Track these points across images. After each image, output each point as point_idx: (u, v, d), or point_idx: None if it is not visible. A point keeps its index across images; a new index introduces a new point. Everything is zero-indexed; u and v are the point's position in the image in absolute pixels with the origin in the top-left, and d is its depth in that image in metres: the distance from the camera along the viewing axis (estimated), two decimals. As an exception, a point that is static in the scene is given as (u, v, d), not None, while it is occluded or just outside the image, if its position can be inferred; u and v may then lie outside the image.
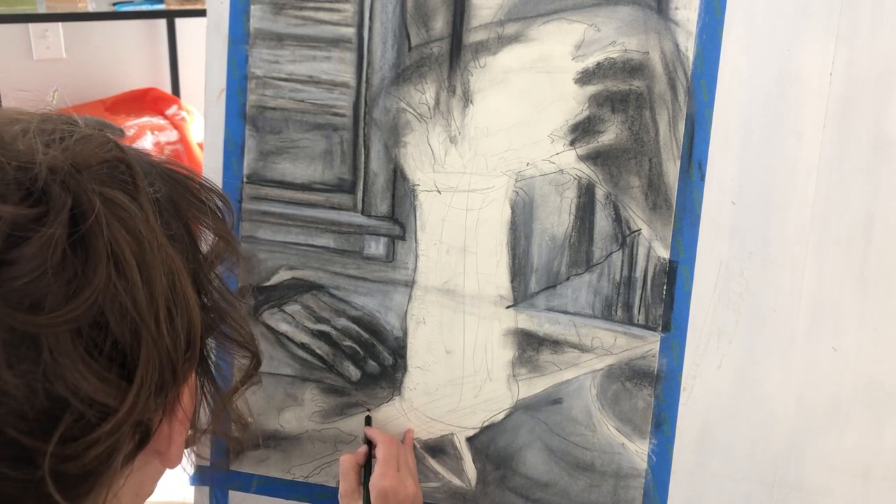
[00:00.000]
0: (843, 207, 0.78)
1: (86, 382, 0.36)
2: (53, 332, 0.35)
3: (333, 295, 0.87)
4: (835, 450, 0.80)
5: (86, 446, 0.37)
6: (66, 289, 0.36)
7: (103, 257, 0.37)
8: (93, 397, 0.36)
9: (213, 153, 0.88)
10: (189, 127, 2.59)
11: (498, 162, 0.82)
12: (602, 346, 0.83)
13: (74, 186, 0.38)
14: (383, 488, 0.77)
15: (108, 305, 0.37)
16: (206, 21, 0.87)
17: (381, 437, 0.83)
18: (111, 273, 0.37)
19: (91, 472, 0.39)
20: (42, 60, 2.61)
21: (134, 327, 0.38)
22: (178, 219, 0.45)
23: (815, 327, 0.79)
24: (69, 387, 0.36)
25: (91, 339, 0.37)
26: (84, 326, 0.36)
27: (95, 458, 0.38)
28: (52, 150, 0.38)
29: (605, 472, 0.84)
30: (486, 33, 0.81)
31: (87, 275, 0.36)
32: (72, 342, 0.36)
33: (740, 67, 0.78)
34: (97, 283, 0.36)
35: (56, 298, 0.36)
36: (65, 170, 0.38)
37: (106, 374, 0.37)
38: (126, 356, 0.38)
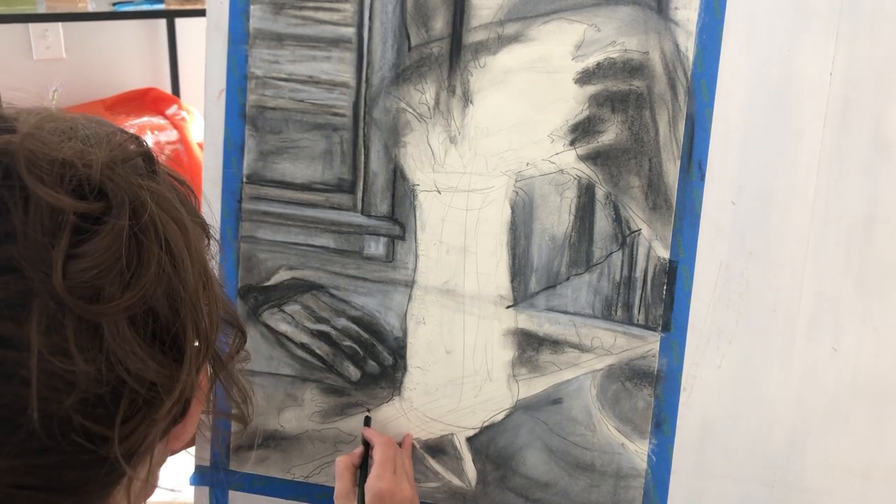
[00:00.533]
0: (843, 207, 0.78)
1: (143, 365, 0.38)
2: (114, 320, 0.37)
3: (333, 295, 0.87)
4: (835, 450, 0.80)
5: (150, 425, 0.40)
6: (122, 278, 0.38)
7: (156, 246, 0.39)
8: (149, 379, 0.39)
9: (213, 153, 0.88)
10: (189, 127, 2.59)
11: (498, 162, 0.82)
12: (602, 346, 0.83)
13: (126, 182, 0.40)
14: (380, 490, 0.77)
15: (158, 291, 0.39)
16: (206, 21, 0.87)
17: (378, 438, 0.83)
18: (163, 261, 0.39)
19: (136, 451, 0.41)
20: (42, 60, 2.61)
21: (182, 309, 0.40)
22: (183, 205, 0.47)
23: (815, 327, 0.79)
24: (129, 370, 0.38)
25: (144, 324, 0.39)
26: (139, 314, 0.39)
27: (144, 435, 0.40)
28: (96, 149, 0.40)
29: (605, 472, 0.84)
30: (485, 33, 0.81)
31: (142, 264, 0.39)
32: (129, 328, 0.38)
33: (740, 67, 0.78)
34: (152, 270, 0.39)
35: (114, 287, 0.38)
36: (114, 167, 0.40)
37: (161, 357, 0.40)
38: (174, 338, 0.40)
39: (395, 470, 0.80)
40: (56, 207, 0.37)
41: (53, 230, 0.37)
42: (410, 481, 0.81)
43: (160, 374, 0.39)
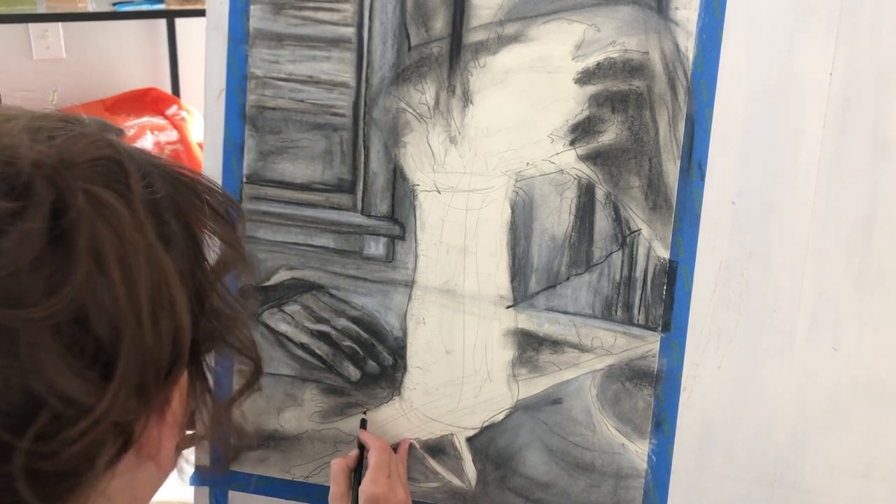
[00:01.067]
0: (843, 207, 0.78)
1: (63, 379, 0.36)
2: (32, 328, 0.35)
3: (333, 295, 0.87)
4: (835, 450, 0.80)
5: (62, 444, 0.36)
6: (46, 284, 0.36)
7: (83, 254, 0.36)
8: (70, 395, 0.36)
9: (213, 153, 0.88)
10: (189, 127, 2.59)
11: (498, 162, 0.82)
12: (602, 346, 0.83)
13: (59, 181, 0.37)
14: (374, 494, 0.77)
15: (89, 303, 0.36)
16: (206, 21, 0.87)
17: (374, 442, 0.83)
18: (91, 270, 0.36)
19: (71, 473, 0.38)
20: (42, 60, 2.61)
21: (114, 326, 0.37)
22: (179, 221, 0.44)
23: (815, 327, 0.79)
24: (46, 383, 0.35)
25: (71, 337, 0.36)
26: (63, 323, 0.36)
27: (73, 457, 0.37)
28: (39, 146, 0.38)
29: (605, 472, 0.84)
30: (485, 33, 0.81)
31: (67, 271, 0.36)
32: (51, 338, 0.35)
33: (740, 67, 0.78)
34: (77, 279, 0.36)
35: (36, 294, 0.35)
36: (50, 165, 0.37)
37: (85, 371, 0.37)
38: (107, 355, 0.37)
39: (389, 474, 0.80)
40: None
41: None
42: (405, 486, 0.81)
43: (82, 391, 0.36)
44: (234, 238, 0.49)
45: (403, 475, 0.84)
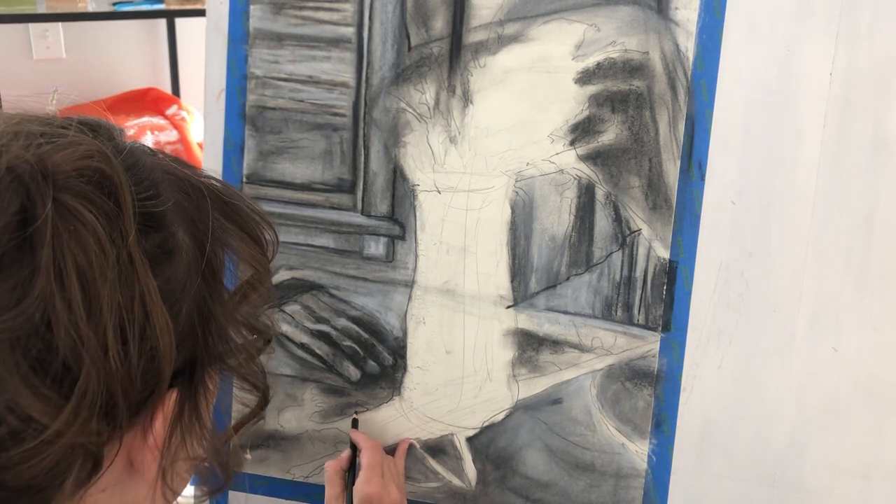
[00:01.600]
0: (843, 207, 0.78)
1: (19, 395, 0.34)
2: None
3: (333, 295, 0.87)
4: (835, 450, 0.80)
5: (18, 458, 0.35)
6: (9, 296, 0.34)
7: (44, 267, 0.35)
8: (25, 412, 0.34)
9: (213, 153, 0.88)
10: (189, 127, 2.59)
11: (498, 162, 0.82)
12: (602, 346, 0.83)
13: (31, 189, 0.35)
14: (368, 494, 0.77)
15: (52, 319, 0.35)
16: (205, 21, 0.86)
17: (366, 443, 0.83)
18: (51, 284, 0.35)
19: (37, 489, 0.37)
20: (42, 60, 2.61)
21: (74, 345, 0.35)
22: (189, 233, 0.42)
23: (815, 327, 0.79)
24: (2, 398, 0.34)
25: (32, 352, 0.35)
26: (24, 337, 0.34)
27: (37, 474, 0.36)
28: (17, 150, 0.37)
29: (605, 472, 0.84)
30: (485, 33, 0.81)
31: (29, 283, 0.34)
32: (9, 352, 0.34)
33: (740, 67, 0.78)
34: (36, 293, 0.34)
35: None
36: (26, 171, 0.36)
37: (44, 389, 0.35)
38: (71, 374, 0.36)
39: (382, 474, 0.80)
40: None
41: None
42: (399, 485, 0.81)
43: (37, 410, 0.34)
44: (258, 259, 0.47)
45: (398, 474, 0.84)
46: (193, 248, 0.42)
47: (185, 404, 0.43)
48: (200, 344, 0.43)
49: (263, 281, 0.47)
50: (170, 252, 0.40)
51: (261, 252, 0.47)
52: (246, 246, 0.46)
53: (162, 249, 0.40)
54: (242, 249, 0.46)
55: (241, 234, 0.46)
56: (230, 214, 0.45)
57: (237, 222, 0.46)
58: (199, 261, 0.42)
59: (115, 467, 0.41)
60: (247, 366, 0.48)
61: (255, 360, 0.48)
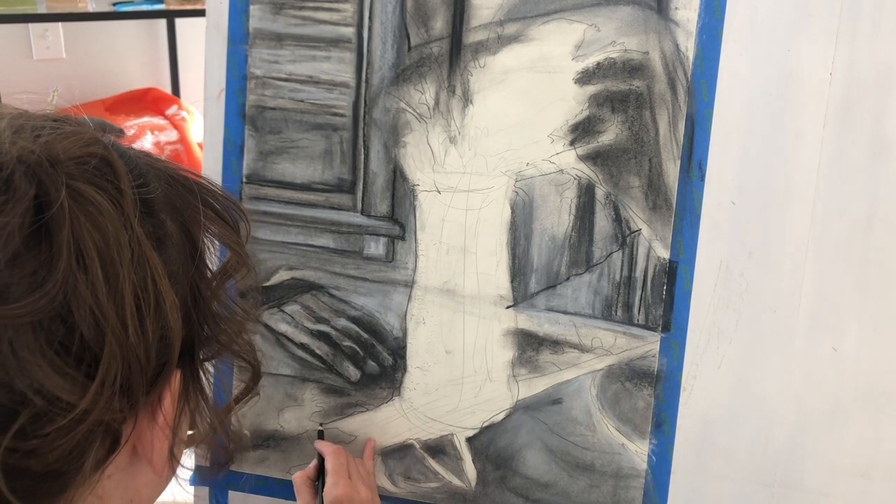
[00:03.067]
0: (843, 207, 0.78)
1: (45, 377, 0.35)
2: (13, 324, 0.35)
3: (333, 295, 0.87)
4: (835, 450, 0.80)
5: (45, 442, 0.36)
6: (29, 281, 0.35)
7: (65, 250, 0.36)
8: (52, 392, 0.36)
9: (213, 153, 0.88)
10: (189, 127, 2.59)
11: (498, 162, 0.82)
12: (602, 346, 0.83)
13: (42, 177, 0.37)
14: (337, 497, 0.79)
15: (72, 300, 0.36)
16: (205, 21, 0.86)
17: (328, 448, 0.84)
18: (72, 266, 0.36)
19: (59, 473, 0.38)
20: (42, 60, 2.61)
21: (97, 324, 0.37)
22: (176, 222, 0.44)
23: (815, 327, 0.79)
24: (28, 380, 0.35)
25: (55, 334, 0.36)
26: (46, 320, 0.35)
27: (60, 456, 0.37)
28: (23, 142, 0.38)
29: (605, 472, 0.84)
30: (485, 33, 0.81)
31: (49, 267, 0.36)
32: (33, 335, 0.35)
33: (740, 67, 0.78)
34: (57, 276, 0.36)
35: (19, 290, 0.35)
36: (34, 161, 0.37)
37: (68, 369, 0.36)
38: (92, 354, 0.37)
39: (349, 476, 0.81)
40: None
41: None
42: (368, 484, 0.83)
43: (65, 389, 0.36)
44: (236, 242, 0.49)
45: (365, 474, 0.85)
46: (180, 234, 0.44)
47: (189, 383, 0.46)
48: (195, 326, 0.45)
49: (242, 262, 0.50)
50: (163, 238, 0.42)
51: (236, 234, 0.50)
52: (224, 230, 0.49)
53: (157, 235, 0.42)
54: (221, 234, 0.49)
55: (219, 220, 0.48)
56: (207, 202, 0.48)
57: (214, 209, 0.48)
58: (187, 246, 0.44)
59: (123, 452, 0.42)
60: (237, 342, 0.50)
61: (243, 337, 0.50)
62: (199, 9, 2.52)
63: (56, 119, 0.42)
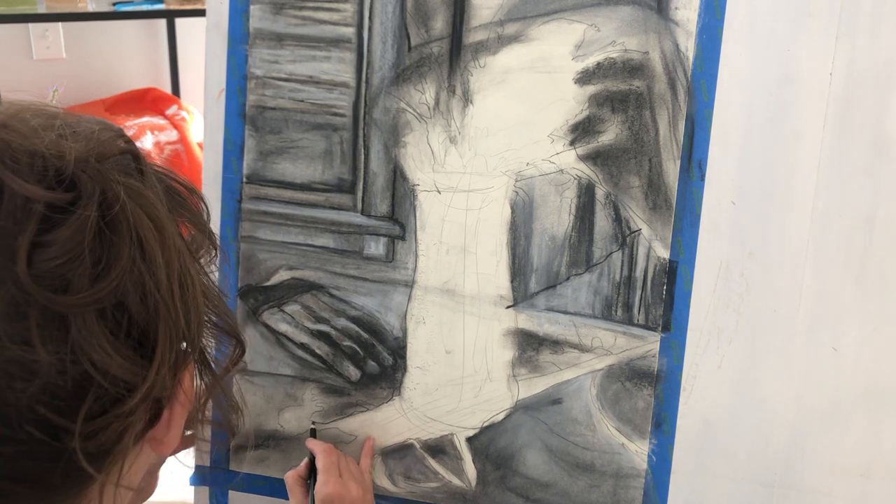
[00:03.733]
0: (843, 207, 0.78)
1: (110, 360, 0.38)
2: (80, 313, 0.37)
3: (333, 295, 0.87)
4: (835, 450, 0.80)
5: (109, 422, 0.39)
6: (92, 271, 0.38)
7: (127, 241, 0.39)
8: (116, 375, 0.38)
9: (213, 153, 0.88)
10: (189, 127, 2.59)
11: (498, 162, 0.82)
12: (602, 346, 0.83)
13: (99, 175, 0.40)
14: (328, 495, 0.79)
15: (130, 286, 0.39)
16: (205, 21, 0.86)
17: (319, 447, 0.85)
18: (135, 256, 0.39)
19: (107, 450, 0.40)
20: (42, 60, 2.61)
21: (155, 307, 0.40)
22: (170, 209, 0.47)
23: (815, 327, 0.79)
24: (95, 364, 0.37)
25: (115, 320, 0.39)
26: (108, 307, 0.38)
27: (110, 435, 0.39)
28: (73, 143, 0.40)
29: (605, 472, 0.84)
30: (486, 33, 0.81)
31: (112, 257, 0.38)
32: (97, 321, 0.38)
33: (740, 67, 0.78)
34: (122, 265, 0.38)
35: (83, 280, 0.37)
36: (89, 160, 0.40)
37: (129, 352, 0.39)
38: (146, 335, 0.40)
39: (340, 474, 0.82)
40: (25, 196, 0.37)
41: (21, 219, 0.37)
42: (360, 482, 0.83)
43: (127, 371, 0.39)
44: (200, 221, 0.51)
45: (359, 472, 0.85)
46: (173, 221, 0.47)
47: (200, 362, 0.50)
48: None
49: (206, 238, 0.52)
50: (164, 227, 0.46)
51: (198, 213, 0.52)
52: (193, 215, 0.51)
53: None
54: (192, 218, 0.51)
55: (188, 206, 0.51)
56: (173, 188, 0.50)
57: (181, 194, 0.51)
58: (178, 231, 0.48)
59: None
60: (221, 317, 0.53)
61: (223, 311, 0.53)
62: (199, 9, 2.52)
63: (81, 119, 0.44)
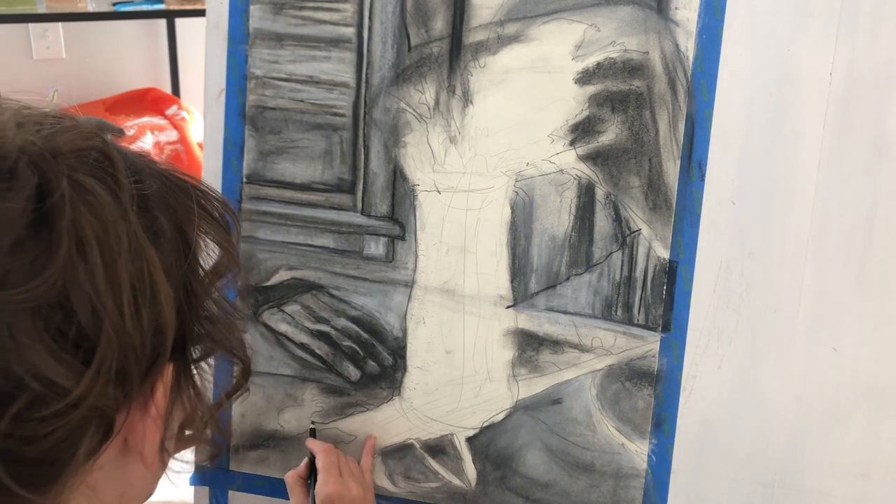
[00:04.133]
0: (843, 207, 0.78)
1: (42, 362, 0.36)
2: (12, 310, 0.35)
3: (333, 295, 0.87)
4: (835, 450, 0.80)
5: (41, 428, 0.37)
6: (29, 268, 0.36)
7: (65, 238, 0.37)
8: (49, 377, 0.36)
9: (213, 153, 0.88)
10: (189, 127, 2.59)
11: (498, 162, 0.82)
12: (602, 346, 0.83)
13: (45, 167, 0.38)
14: (328, 494, 0.79)
15: (70, 287, 0.37)
16: (205, 21, 0.86)
17: (319, 447, 0.84)
18: (72, 254, 0.37)
19: (53, 460, 0.39)
20: (42, 60, 2.61)
21: (95, 311, 0.37)
22: (170, 220, 0.45)
23: (815, 327, 0.79)
24: (26, 365, 0.36)
25: (52, 320, 0.37)
26: (44, 306, 0.36)
27: (54, 443, 0.38)
28: (25, 134, 0.39)
29: (605, 472, 0.84)
30: (485, 33, 0.81)
31: (49, 254, 0.37)
32: (31, 321, 0.36)
33: (740, 67, 0.78)
34: (57, 263, 0.36)
35: (18, 276, 0.36)
36: (36, 151, 0.38)
37: (65, 355, 0.37)
38: (89, 341, 0.38)
39: (340, 473, 0.82)
40: None
41: None
42: (361, 482, 0.83)
43: (60, 375, 0.37)
44: (228, 242, 0.50)
45: (359, 471, 0.85)
46: (174, 231, 0.45)
47: (181, 376, 0.47)
48: (187, 321, 0.46)
49: (233, 261, 0.51)
50: (156, 233, 0.43)
51: (227, 234, 0.51)
52: (213, 229, 0.49)
53: (151, 230, 0.43)
54: (213, 234, 0.49)
55: (211, 220, 0.49)
56: (201, 202, 0.49)
57: (205, 207, 0.49)
58: (179, 243, 0.45)
59: (114, 444, 0.43)
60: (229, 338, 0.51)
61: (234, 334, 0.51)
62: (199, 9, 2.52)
63: (57, 115, 0.43)
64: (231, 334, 0.51)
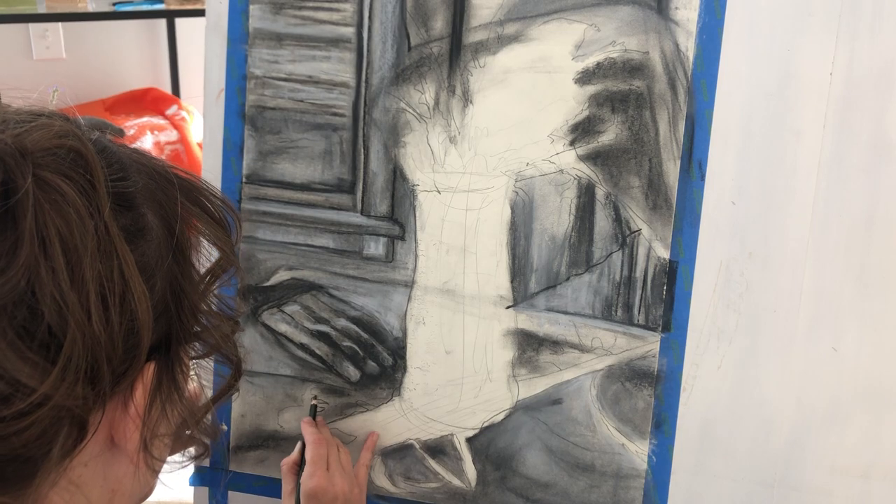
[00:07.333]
0: (843, 207, 0.78)
1: (7, 360, 0.36)
2: None
3: (333, 295, 0.87)
4: (835, 450, 0.80)
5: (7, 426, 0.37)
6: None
7: (28, 236, 0.36)
8: (13, 376, 0.36)
9: (213, 153, 0.88)
10: (189, 127, 2.59)
11: (498, 162, 0.82)
12: (602, 346, 0.83)
13: (9, 165, 0.37)
14: (311, 488, 0.78)
15: (36, 286, 0.37)
16: (205, 21, 0.86)
17: (310, 437, 0.83)
18: (35, 253, 0.36)
19: (26, 458, 0.39)
20: (42, 60, 2.61)
21: (60, 310, 0.37)
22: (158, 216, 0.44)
23: (815, 327, 0.79)
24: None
25: (18, 319, 0.36)
26: (9, 304, 0.36)
27: (26, 442, 0.37)
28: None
29: (605, 472, 0.84)
30: (485, 33, 0.81)
31: (13, 253, 0.36)
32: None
33: (740, 67, 0.78)
34: (20, 261, 0.36)
35: None
36: (3, 150, 0.38)
37: (31, 354, 0.37)
38: (57, 340, 0.37)
39: (327, 467, 0.80)
40: None
41: None
42: (349, 477, 0.81)
43: (24, 374, 0.36)
44: (225, 241, 0.49)
45: (350, 465, 0.83)
46: (162, 229, 0.44)
47: (163, 376, 0.46)
48: (175, 320, 0.45)
49: (230, 261, 0.50)
50: (141, 231, 0.43)
51: (225, 234, 0.50)
52: (211, 229, 0.49)
53: (134, 228, 0.42)
54: (208, 232, 0.49)
55: (206, 218, 0.49)
56: (195, 198, 0.48)
57: (201, 206, 0.48)
58: (169, 241, 0.45)
59: (97, 441, 0.42)
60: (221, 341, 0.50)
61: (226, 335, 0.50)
62: (199, 9, 2.52)
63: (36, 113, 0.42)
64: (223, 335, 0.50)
